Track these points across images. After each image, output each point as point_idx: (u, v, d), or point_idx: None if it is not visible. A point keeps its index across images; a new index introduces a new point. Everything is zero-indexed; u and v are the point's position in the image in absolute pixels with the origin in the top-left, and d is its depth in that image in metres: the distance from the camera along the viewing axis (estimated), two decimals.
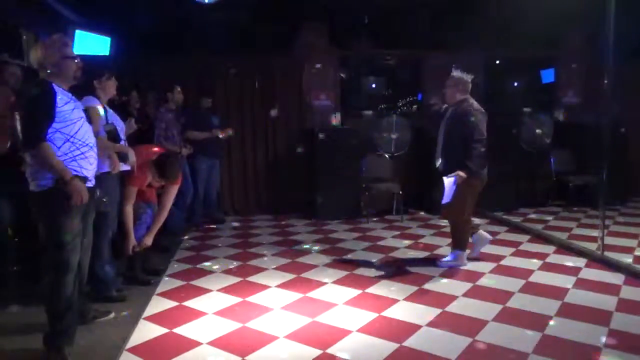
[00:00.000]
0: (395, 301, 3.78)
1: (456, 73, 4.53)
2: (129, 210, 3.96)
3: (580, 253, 4.93)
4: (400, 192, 6.73)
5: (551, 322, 3.36)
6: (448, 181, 4.45)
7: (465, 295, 3.90)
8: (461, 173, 4.28)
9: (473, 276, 4.33)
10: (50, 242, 2.82)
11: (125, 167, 3.79)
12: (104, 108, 3.76)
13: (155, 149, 4.32)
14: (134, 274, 4.20)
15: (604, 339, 3.10)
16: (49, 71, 2.87)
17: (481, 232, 4.85)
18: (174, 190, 4.26)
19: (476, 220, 6.51)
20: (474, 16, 7.20)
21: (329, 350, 3.00)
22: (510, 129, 7.17)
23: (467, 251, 4.69)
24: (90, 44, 6.31)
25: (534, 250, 5.11)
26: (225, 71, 7.00)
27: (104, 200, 3.08)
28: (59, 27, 5.85)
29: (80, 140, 2.87)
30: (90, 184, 2.96)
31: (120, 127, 3.87)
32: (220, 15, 6.26)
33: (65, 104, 2.81)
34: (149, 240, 4.15)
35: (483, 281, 4.22)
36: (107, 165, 3.62)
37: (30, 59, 2.97)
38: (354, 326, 3.33)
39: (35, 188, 2.81)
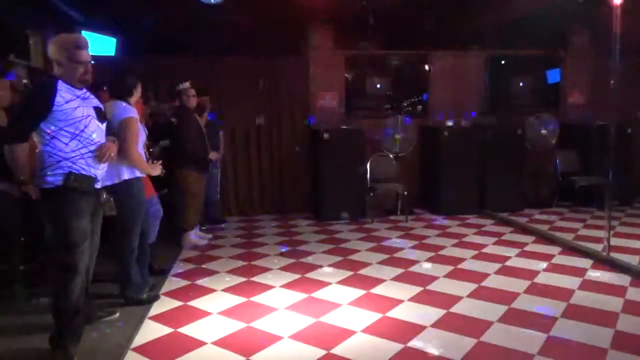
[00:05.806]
0: (399, 302, 3.77)
1: (182, 86, 5.30)
2: None
3: (586, 254, 4.90)
4: (405, 193, 6.72)
5: (557, 324, 3.34)
6: None
7: (470, 296, 3.89)
8: None
9: (478, 277, 4.32)
10: (59, 244, 2.73)
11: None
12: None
13: None
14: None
15: (609, 341, 3.08)
16: (55, 67, 2.80)
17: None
18: None
19: (481, 220, 6.53)
20: (479, 16, 7.19)
21: (333, 351, 3.00)
22: (515, 130, 7.14)
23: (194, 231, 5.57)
24: (96, 44, 6.34)
25: (539, 251, 5.09)
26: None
27: (110, 199, 3.06)
28: (65, 27, 5.87)
29: (88, 138, 2.78)
30: (98, 185, 2.90)
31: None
32: (225, 16, 6.27)
33: (67, 102, 2.70)
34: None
35: (488, 282, 4.20)
36: (126, 173, 3.52)
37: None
38: (359, 327, 3.33)
39: (43, 185, 2.70)
